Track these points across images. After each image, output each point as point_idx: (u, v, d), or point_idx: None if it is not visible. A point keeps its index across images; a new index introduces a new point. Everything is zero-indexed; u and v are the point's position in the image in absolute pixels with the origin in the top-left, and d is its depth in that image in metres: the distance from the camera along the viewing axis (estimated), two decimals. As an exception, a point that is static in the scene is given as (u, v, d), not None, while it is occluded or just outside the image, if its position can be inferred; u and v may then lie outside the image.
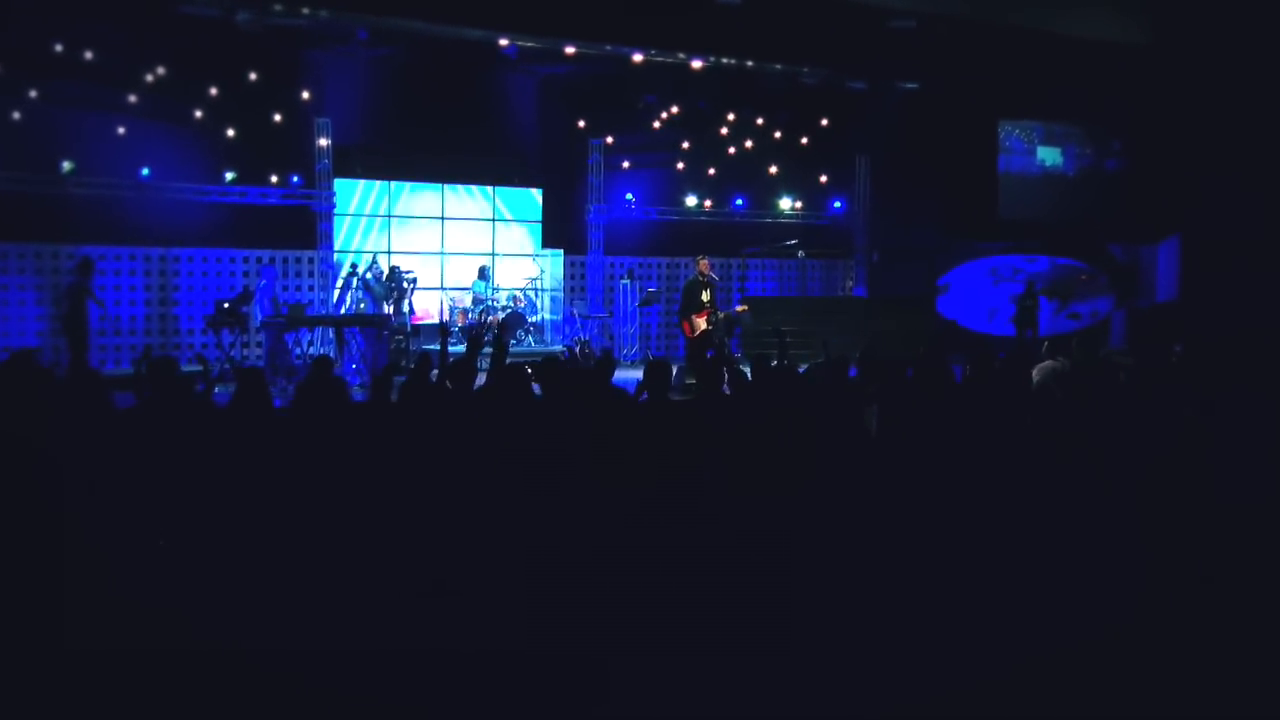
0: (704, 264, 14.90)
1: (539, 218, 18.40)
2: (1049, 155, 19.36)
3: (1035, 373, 9.20)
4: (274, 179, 16.19)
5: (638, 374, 7.91)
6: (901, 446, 6.61)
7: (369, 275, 15.83)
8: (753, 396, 7.24)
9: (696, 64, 17.03)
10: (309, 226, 16.54)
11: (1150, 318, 19.16)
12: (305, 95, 16.03)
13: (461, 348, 10.91)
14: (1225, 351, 9.80)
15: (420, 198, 17.71)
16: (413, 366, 13.60)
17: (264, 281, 15.23)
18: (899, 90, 18.61)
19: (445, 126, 16.76)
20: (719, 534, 4.78)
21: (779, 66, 18.01)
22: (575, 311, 17.48)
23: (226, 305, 14.19)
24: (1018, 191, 19.34)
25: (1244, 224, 16.63)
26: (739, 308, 15.17)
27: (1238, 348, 9.99)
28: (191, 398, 6.51)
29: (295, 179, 16.33)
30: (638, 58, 16.68)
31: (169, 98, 14.99)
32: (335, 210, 16.75)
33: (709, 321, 14.52)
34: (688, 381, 13.97)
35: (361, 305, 15.68)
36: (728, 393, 7.39)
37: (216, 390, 12.94)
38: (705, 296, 14.61)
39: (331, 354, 15.26)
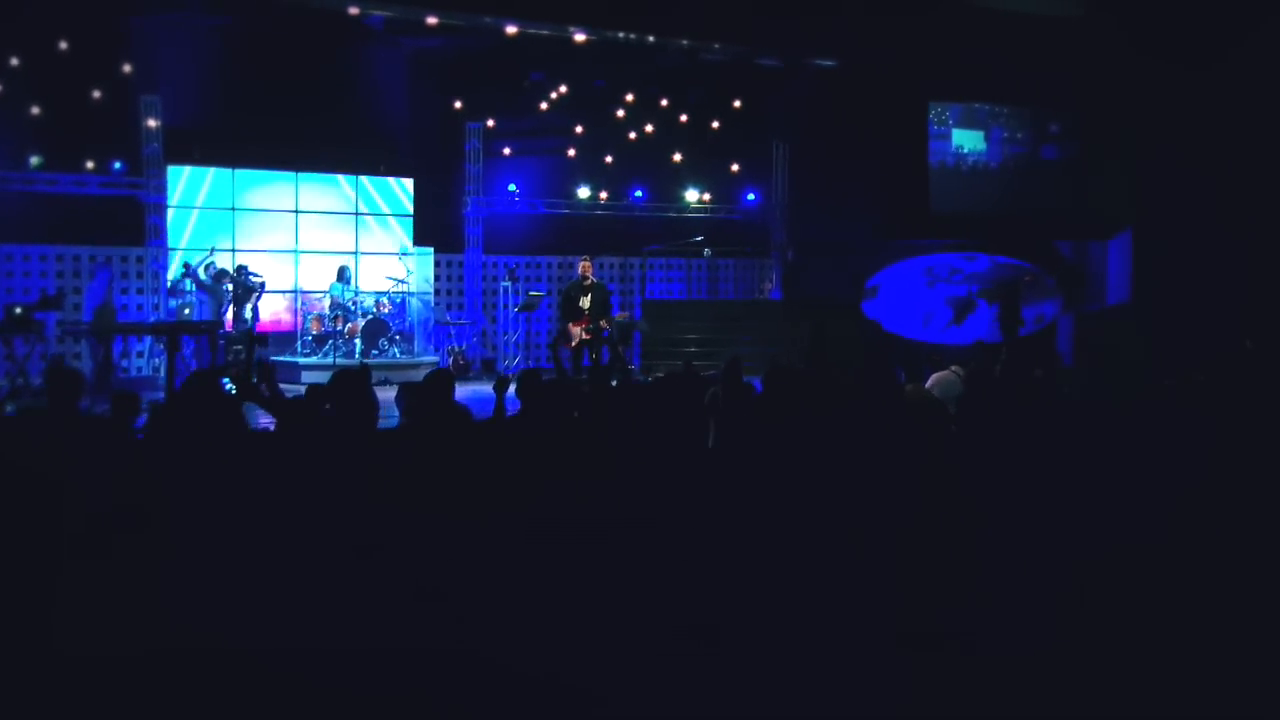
0: (586, 266, 14.20)
1: (409, 211, 17.34)
2: (968, 140, 18.39)
3: (932, 385, 8.61)
4: (90, 165, 15.10)
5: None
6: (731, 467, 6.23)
7: (202, 273, 14.71)
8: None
9: (580, 37, 15.99)
10: (136, 220, 15.44)
11: (1099, 322, 18.39)
12: (127, 68, 14.94)
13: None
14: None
15: (270, 188, 16.62)
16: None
17: (94, 283, 14.20)
18: (816, 69, 17.67)
19: (299, 107, 15.48)
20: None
21: (685, 43, 17.08)
22: (436, 317, 16.39)
23: (19, 311, 12.98)
24: (935, 182, 18.45)
25: (1202, 216, 15.94)
26: (619, 315, 14.35)
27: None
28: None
29: (118, 165, 15.28)
30: (511, 30, 15.62)
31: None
32: (168, 201, 15.60)
33: (588, 331, 13.78)
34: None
35: (187, 311, 14.54)
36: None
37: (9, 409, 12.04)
38: (584, 303, 13.86)
39: (161, 365, 14.32)
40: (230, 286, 14.48)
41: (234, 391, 6.97)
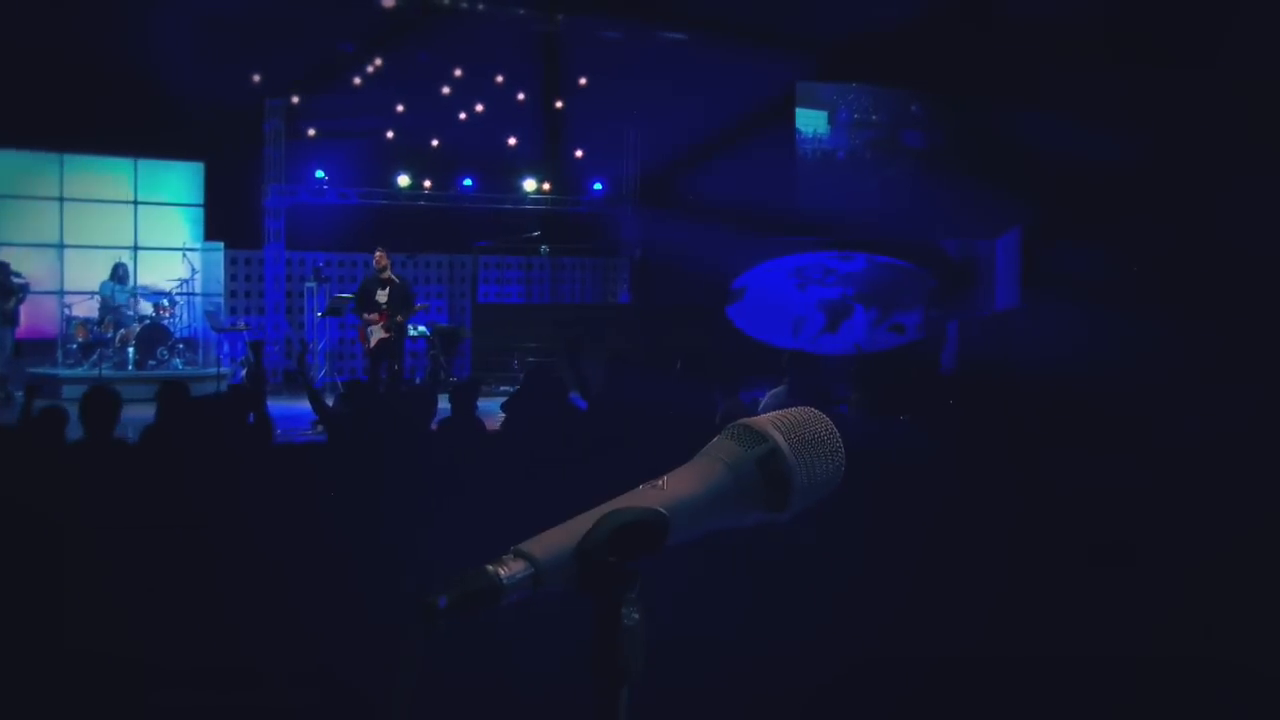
0: (381, 257, 13.12)
1: (198, 200, 16.33)
2: (808, 121, 17.46)
3: (765, 401, 8.22)
4: None
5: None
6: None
7: None
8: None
9: (389, 2, 14.90)
10: None
11: (985, 330, 17.64)
12: None
13: None
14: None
15: (31, 172, 15.61)
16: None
17: None
18: (664, 42, 16.72)
19: (66, 77, 14.22)
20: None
21: (521, 11, 16.05)
22: (211, 324, 15.15)
23: None
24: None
25: (1097, 212, 15.27)
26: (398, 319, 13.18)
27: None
28: None
29: None
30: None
31: None
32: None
33: (387, 329, 12.62)
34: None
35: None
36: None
37: None
38: (382, 297, 12.71)
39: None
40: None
41: None
